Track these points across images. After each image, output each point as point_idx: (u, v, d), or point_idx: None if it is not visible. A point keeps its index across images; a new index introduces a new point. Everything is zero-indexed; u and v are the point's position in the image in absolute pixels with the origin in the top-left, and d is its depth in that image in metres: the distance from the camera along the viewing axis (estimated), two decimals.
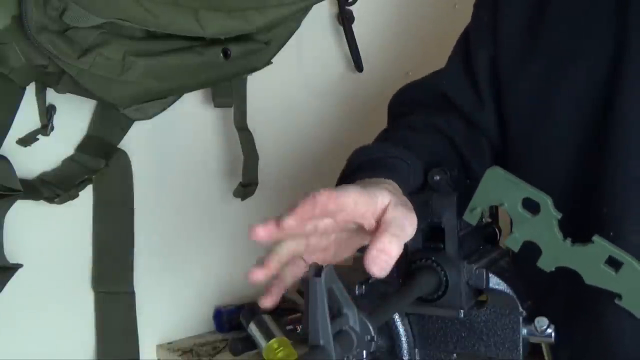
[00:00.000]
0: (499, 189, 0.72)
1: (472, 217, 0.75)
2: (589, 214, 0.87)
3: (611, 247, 0.71)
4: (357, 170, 0.82)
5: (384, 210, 0.70)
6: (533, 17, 0.93)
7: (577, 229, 0.74)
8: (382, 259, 0.66)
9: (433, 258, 0.77)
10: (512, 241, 0.74)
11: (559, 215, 0.71)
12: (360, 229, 0.72)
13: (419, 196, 0.79)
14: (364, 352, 0.65)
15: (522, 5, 0.94)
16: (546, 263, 0.73)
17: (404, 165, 0.82)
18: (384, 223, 0.68)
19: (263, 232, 0.67)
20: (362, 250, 0.74)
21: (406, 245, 0.79)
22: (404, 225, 0.69)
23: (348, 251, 0.75)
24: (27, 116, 1.21)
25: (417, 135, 0.94)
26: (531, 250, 0.74)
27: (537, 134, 0.92)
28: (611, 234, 0.84)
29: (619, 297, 0.72)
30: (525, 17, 0.94)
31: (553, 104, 0.90)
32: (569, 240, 0.72)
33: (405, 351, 0.80)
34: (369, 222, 0.70)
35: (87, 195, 1.30)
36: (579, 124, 0.88)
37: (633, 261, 0.70)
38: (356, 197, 0.68)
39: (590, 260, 0.71)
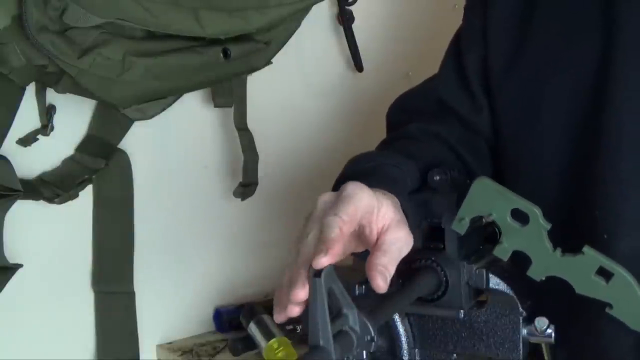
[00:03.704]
0: (487, 200, 0.72)
1: (460, 226, 0.74)
2: (581, 217, 0.87)
3: (601, 257, 0.70)
4: (350, 179, 0.82)
5: (387, 227, 0.71)
6: (522, 21, 0.93)
7: (569, 233, 0.74)
8: (386, 275, 0.68)
9: (433, 258, 0.77)
10: (501, 251, 0.73)
11: (549, 226, 0.71)
12: (358, 234, 0.73)
13: (418, 196, 0.79)
14: (364, 352, 0.65)
15: (511, 9, 0.94)
16: (536, 273, 0.72)
17: (399, 173, 0.82)
18: (385, 244, 0.70)
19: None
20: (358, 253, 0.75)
21: None
22: (401, 250, 0.71)
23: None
24: (27, 116, 1.21)
25: (414, 143, 0.94)
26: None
27: (526, 137, 0.92)
28: (605, 236, 0.84)
29: (610, 306, 0.72)
30: (514, 21, 0.94)
31: (542, 107, 0.90)
32: (559, 251, 0.71)
33: (405, 351, 0.80)
34: (370, 230, 0.71)
35: (87, 195, 1.30)
36: (568, 128, 0.88)
37: (623, 272, 0.70)
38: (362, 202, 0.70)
39: (581, 271, 0.71)
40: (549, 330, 0.77)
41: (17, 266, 1.21)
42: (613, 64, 0.84)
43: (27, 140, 1.22)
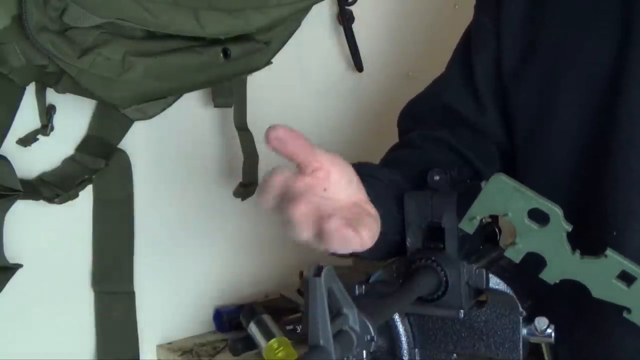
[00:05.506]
0: (504, 198, 0.67)
1: (470, 225, 0.71)
2: (591, 214, 0.86)
3: (625, 261, 0.68)
4: None
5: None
6: (534, 16, 0.93)
7: (578, 229, 0.73)
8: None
9: (433, 258, 0.77)
10: (513, 252, 0.70)
11: (570, 228, 0.67)
12: None
13: (418, 195, 0.79)
14: (364, 352, 0.65)
15: (523, 5, 0.94)
16: (551, 275, 0.69)
17: (377, 184, 0.82)
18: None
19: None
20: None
21: (406, 245, 0.80)
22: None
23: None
24: (27, 116, 1.21)
25: (413, 151, 0.94)
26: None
27: (540, 134, 0.91)
28: (614, 233, 0.84)
29: (628, 311, 0.69)
30: (527, 19, 0.94)
31: (556, 103, 0.90)
32: (578, 253, 0.68)
33: (405, 351, 0.80)
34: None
35: (87, 195, 1.30)
36: (582, 124, 0.88)
37: None
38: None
39: (601, 274, 0.68)
40: (549, 330, 0.77)
41: (17, 266, 1.21)
42: (629, 61, 0.84)
43: (27, 140, 1.22)
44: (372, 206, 0.75)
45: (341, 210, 0.70)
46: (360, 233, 0.69)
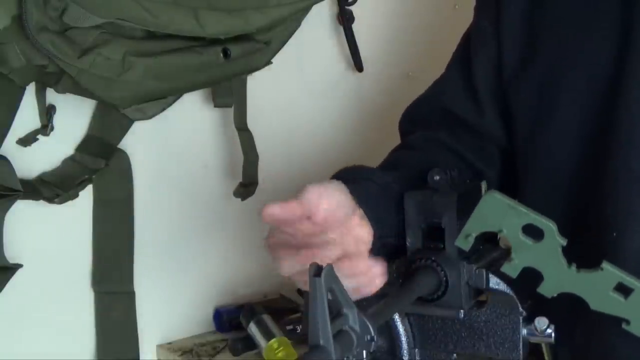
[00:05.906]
0: (498, 215, 0.68)
1: (465, 243, 0.71)
2: (592, 215, 0.86)
3: (621, 273, 0.67)
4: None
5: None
6: (534, 18, 0.93)
7: (579, 230, 0.73)
8: None
9: (433, 258, 0.77)
10: (510, 268, 0.70)
11: (565, 242, 0.67)
12: None
13: (418, 195, 0.79)
14: (364, 352, 0.65)
15: (523, 7, 0.94)
16: (548, 289, 0.69)
17: (373, 186, 0.82)
18: None
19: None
20: None
21: (406, 246, 0.80)
22: None
23: None
24: (27, 116, 1.21)
25: (413, 153, 0.95)
26: None
27: (540, 135, 0.91)
28: (614, 234, 0.83)
29: (627, 322, 0.69)
30: (527, 19, 0.94)
31: (556, 104, 0.90)
32: (574, 267, 0.68)
33: (405, 351, 0.80)
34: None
35: (87, 195, 1.30)
36: (583, 124, 0.88)
37: None
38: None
39: (598, 287, 0.68)
40: (549, 330, 0.77)
41: (17, 266, 1.21)
42: (629, 62, 0.84)
43: (27, 140, 1.22)
44: (365, 219, 0.77)
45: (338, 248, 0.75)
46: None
